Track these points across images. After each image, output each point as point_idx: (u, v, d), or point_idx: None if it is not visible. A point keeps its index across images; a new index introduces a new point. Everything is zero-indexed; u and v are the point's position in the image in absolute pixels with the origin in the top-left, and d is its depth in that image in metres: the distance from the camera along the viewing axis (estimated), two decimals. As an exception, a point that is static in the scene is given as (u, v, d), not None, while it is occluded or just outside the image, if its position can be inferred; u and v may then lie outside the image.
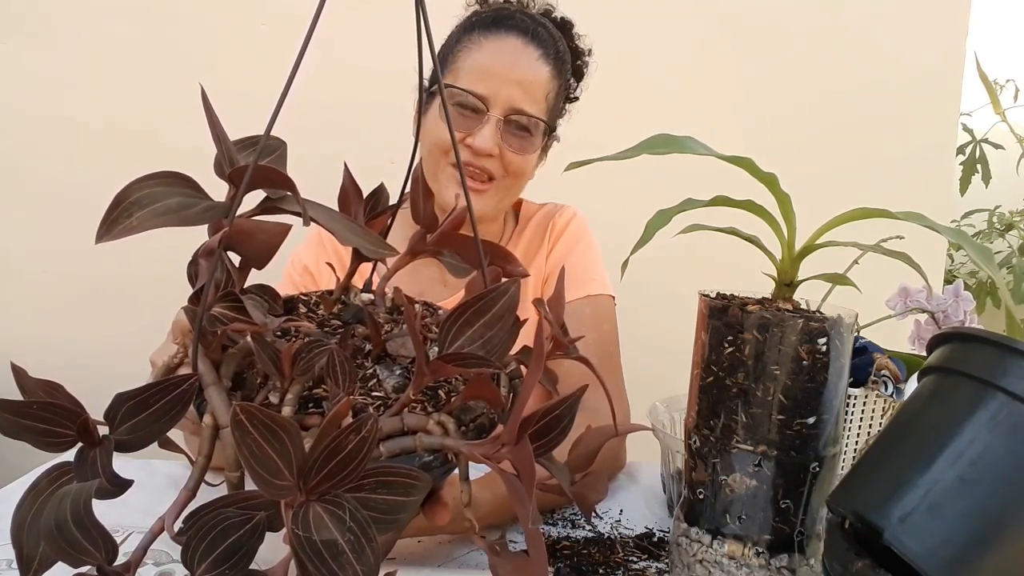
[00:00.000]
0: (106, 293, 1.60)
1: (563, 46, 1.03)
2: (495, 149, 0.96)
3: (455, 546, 0.73)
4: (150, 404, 0.42)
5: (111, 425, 0.42)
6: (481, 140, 0.95)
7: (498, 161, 0.97)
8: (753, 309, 0.54)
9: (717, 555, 0.56)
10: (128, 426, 0.42)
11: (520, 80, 0.96)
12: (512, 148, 0.97)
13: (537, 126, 0.99)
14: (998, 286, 1.86)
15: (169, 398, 0.42)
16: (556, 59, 1.01)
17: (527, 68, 0.97)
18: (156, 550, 0.67)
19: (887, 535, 0.45)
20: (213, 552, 0.40)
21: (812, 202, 0.65)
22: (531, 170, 1.03)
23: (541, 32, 1.00)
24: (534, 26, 1.00)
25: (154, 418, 0.42)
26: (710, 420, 0.56)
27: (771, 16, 1.60)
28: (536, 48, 0.98)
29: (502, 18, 1.00)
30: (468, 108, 0.96)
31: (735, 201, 0.57)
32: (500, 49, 0.97)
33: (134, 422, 0.42)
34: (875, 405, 0.79)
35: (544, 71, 0.98)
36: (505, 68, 0.96)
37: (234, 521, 0.40)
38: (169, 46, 1.53)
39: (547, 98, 1.00)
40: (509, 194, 1.03)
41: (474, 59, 0.97)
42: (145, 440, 0.43)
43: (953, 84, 1.63)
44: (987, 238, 2.22)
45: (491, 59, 0.96)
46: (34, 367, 0.43)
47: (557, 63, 1.01)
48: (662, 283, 1.38)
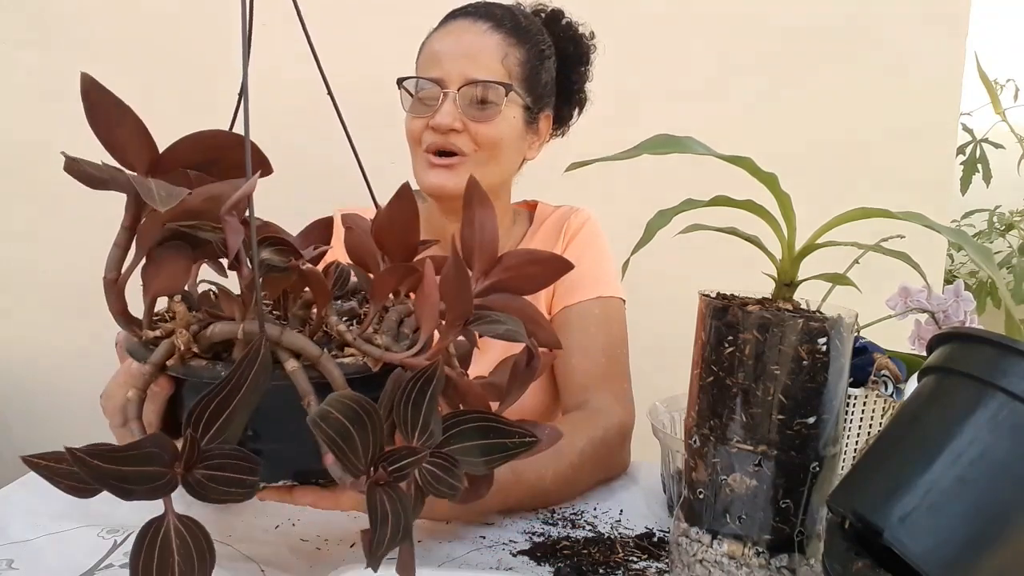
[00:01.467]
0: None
1: (526, 20, 1.04)
2: (456, 123, 0.96)
3: (455, 546, 0.73)
4: (232, 397, 0.43)
5: (197, 434, 0.42)
6: (440, 116, 0.95)
7: (466, 136, 0.97)
8: (753, 309, 0.54)
9: (717, 555, 0.56)
10: (214, 430, 0.43)
11: (467, 52, 0.97)
12: (475, 119, 0.97)
13: (496, 90, 0.97)
14: (998, 286, 1.86)
15: (252, 375, 0.43)
16: (514, 29, 1.00)
17: (473, 39, 0.98)
18: (156, 550, 0.67)
19: (887, 535, 0.45)
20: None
21: (812, 202, 0.65)
22: (510, 139, 1.01)
23: (495, 10, 1.02)
24: (486, 7, 1.02)
25: (242, 405, 0.43)
26: (710, 420, 0.56)
27: (771, 16, 1.60)
28: (484, 22, 1.00)
29: (455, 12, 1.03)
30: (428, 95, 0.98)
31: (735, 201, 0.57)
32: (447, 32, 1.01)
33: (218, 425, 0.43)
34: (875, 405, 0.79)
35: (493, 38, 0.99)
36: (453, 46, 0.98)
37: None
38: (169, 46, 1.53)
39: (504, 63, 0.98)
40: (489, 168, 1.00)
41: (427, 50, 1.01)
42: (235, 434, 0.44)
43: (953, 84, 1.63)
44: (987, 238, 2.22)
45: (440, 43, 0.99)
46: (34, 367, 0.43)
47: (515, 32, 1.00)
48: (662, 283, 1.38)
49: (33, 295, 1.60)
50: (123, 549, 0.67)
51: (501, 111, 0.98)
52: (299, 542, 0.72)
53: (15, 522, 0.72)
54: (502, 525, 0.78)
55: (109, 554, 0.66)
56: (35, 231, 1.57)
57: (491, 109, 0.97)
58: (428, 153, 0.98)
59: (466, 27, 0.99)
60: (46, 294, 1.59)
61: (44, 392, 1.57)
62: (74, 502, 0.77)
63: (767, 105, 1.61)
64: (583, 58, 1.11)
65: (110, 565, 0.64)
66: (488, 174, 1.00)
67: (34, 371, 1.57)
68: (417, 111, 0.98)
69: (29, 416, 1.58)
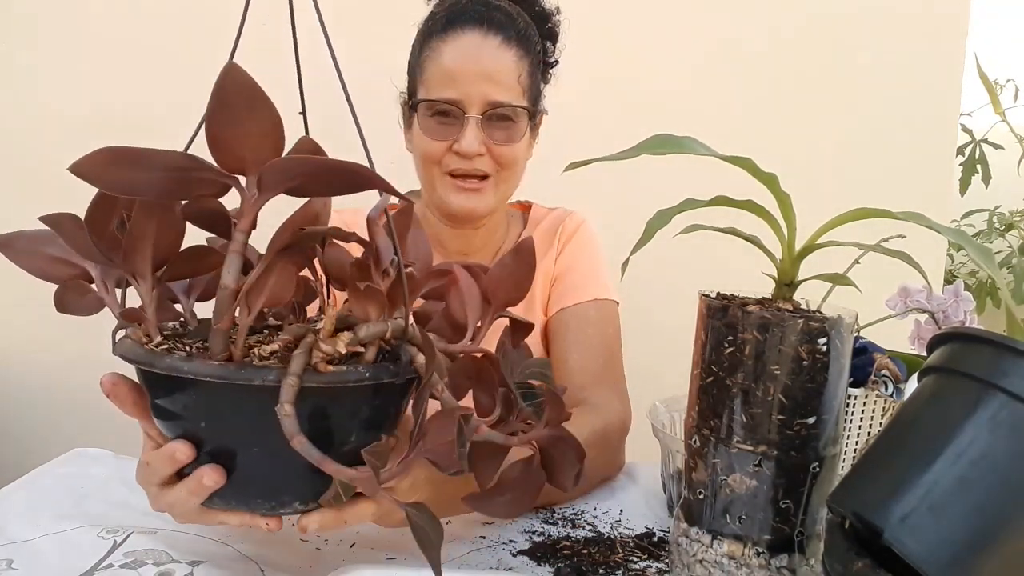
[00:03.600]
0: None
1: (523, 21, 1.01)
2: (482, 148, 0.96)
3: (455, 546, 0.73)
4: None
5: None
6: (467, 144, 0.95)
7: (488, 158, 0.97)
8: (753, 309, 0.54)
9: (717, 555, 0.56)
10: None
11: (487, 73, 0.95)
12: (498, 141, 0.97)
13: (517, 113, 0.98)
14: (998, 286, 1.86)
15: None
16: (520, 39, 0.99)
17: (491, 59, 0.96)
18: (156, 550, 0.67)
19: (887, 535, 0.45)
20: None
21: (812, 202, 0.65)
22: (524, 154, 1.03)
23: (497, 16, 0.99)
24: (488, 12, 0.99)
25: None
26: (710, 420, 0.56)
27: (771, 16, 1.60)
28: (495, 35, 0.97)
29: (455, 16, 0.99)
30: (446, 116, 0.96)
31: (735, 201, 0.57)
32: (459, 48, 0.96)
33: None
34: (875, 405, 0.79)
35: (509, 56, 0.97)
36: (469, 66, 0.96)
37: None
38: (169, 46, 1.53)
39: (520, 81, 0.98)
40: (508, 184, 1.03)
41: (438, 66, 0.97)
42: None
43: (953, 84, 1.63)
44: (987, 238, 2.22)
45: (453, 61, 0.96)
46: (33, 368, 0.43)
47: (522, 42, 0.99)
48: (662, 283, 1.38)
49: (34, 294, 1.60)
50: (123, 549, 0.67)
51: (521, 130, 0.99)
52: (299, 542, 0.72)
53: (15, 522, 0.72)
54: (502, 525, 0.78)
55: (109, 554, 0.66)
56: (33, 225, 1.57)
57: (512, 130, 0.98)
58: (452, 177, 0.98)
59: (478, 42, 0.96)
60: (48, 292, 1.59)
61: (44, 392, 1.57)
62: (74, 502, 0.77)
63: (767, 105, 1.61)
64: (553, 36, 1.09)
65: (110, 565, 0.64)
66: (507, 189, 1.03)
67: (35, 371, 1.57)
68: (438, 135, 0.97)
69: (30, 416, 1.58)
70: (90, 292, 0.55)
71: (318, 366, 0.47)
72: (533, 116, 1.02)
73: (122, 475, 0.83)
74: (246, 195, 0.45)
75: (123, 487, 0.81)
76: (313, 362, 0.47)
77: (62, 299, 0.55)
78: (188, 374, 0.47)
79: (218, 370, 0.47)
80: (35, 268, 0.55)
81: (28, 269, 0.55)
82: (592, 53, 1.22)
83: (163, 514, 0.75)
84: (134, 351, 0.50)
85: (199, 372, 0.46)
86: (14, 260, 0.55)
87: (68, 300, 0.55)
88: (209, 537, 0.71)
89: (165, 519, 0.74)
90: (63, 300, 0.56)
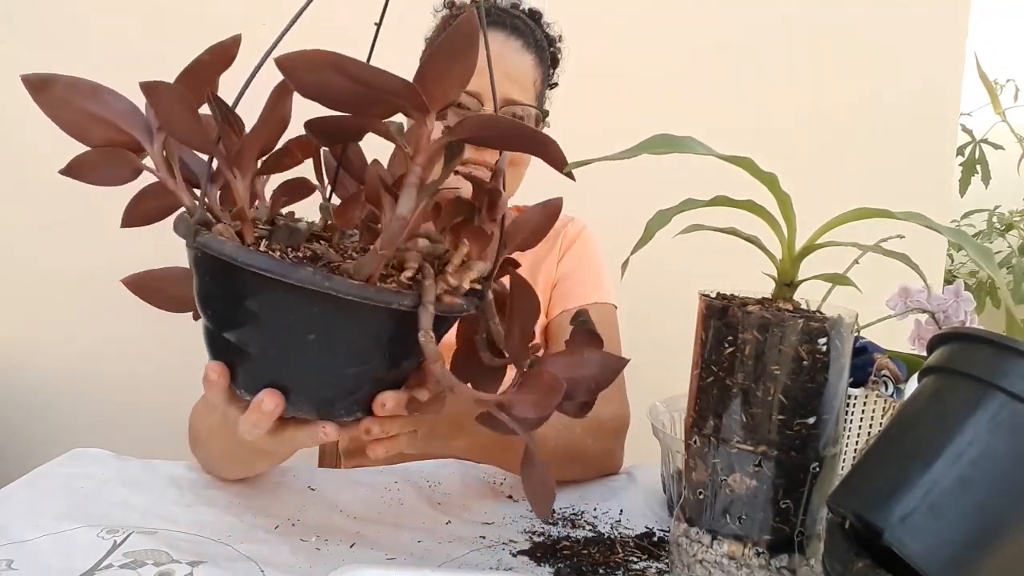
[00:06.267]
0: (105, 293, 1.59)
1: (539, 34, 1.06)
2: None
3: (455, 546, 0.73)
4: None
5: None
6: None
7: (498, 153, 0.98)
8: (753, 309, 0.54)
9: (717, 555, 0.56)
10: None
11: (508, 72, 0.99)
12: None
13: (530, 114, 1.01)
14: (998, 286, 1.85)
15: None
16: (536, 48, 1.04)
17: (512, 59, 1.00)
18: (156, 550, 0.67)
19: (887, 535, 0.45)
20: None
21: (812, 202, 0.65)
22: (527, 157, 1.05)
23: (519, 23, 1.03)
24: (510, 19, 1.03)
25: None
26: (710, 420, 0.56)
27: (772, 16, 1.60)
28: (517, 39, 1.02)
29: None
30: (463, 107, 0.99)
31: (735, 201, 0.57)
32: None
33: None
34: (875, 405, 0.79)
35: (528, 60, 1.02)
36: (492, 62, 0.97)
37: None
38: (169, 46, 1.52)
39: (535, 86, 1.03)
40: (516, 183, 1.06)
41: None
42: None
43: (953, 84, 1.63)
44: (987, 238, 2.22)
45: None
46: (32, 369, 0.43)
47: (538, 51, 1.04)
48: (662, 283, 1.38)
49: (35, 293, 1.60)
50: (123, 549, 0.67)
51: None
52: (299, 542, 0.72)
53: (15, 522, 0.71)
54: (502, 525, 0.78)
55: (109, 554, 0.66)
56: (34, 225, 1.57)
57: None
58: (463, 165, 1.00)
59: (502, 42, 1.00)
60: (48, 292, 1.59)
61: (44, 392, 1.57)
62: (74, 502, 0.77)
63: (767, 105, 1.61)
64: (556, 60, 1.13)
65: (110, 565, 0.64)
66: (512, 188, 1.06)
67: (35, 371, 1.57)
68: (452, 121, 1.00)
69: (30, 416, 1.58)
70: (131, 166, 0.48)
71: (442, 296, 0.50)
72: (538, 124, 1.05)
73: (122, 475, 0.83)
74: (426, 130, 0.48)
75: (123, 487, 0.80)
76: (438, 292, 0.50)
77: (83, 165, 0.48)
78: (329, 290, 0.44)
79: (361, 290, 0.45)
80: (72, 124, 0.47)
81: (64, 125, 0.47)
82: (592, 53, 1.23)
83: (163, 514, 0.75)
84: (263, 260, 0.44)
85: (341, 289, 0.44)
86: (48, 112, 0.47)
87: (93, 167, 0.49)
88: (209, 537, 0.71)
89: (165, 519, 0.75)
90: (83, 166, 0.48)
